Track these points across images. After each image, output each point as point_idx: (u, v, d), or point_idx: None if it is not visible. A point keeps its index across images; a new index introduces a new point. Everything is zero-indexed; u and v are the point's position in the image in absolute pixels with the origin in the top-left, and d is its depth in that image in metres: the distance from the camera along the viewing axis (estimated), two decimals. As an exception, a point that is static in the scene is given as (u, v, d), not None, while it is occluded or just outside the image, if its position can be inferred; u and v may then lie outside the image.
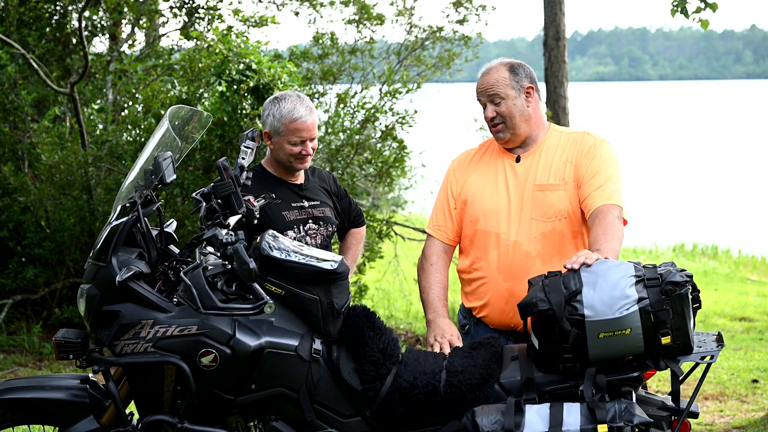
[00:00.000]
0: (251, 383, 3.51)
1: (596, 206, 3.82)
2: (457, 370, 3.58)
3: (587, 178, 3.91)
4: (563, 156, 4.00)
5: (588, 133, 4.05)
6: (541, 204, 3.95)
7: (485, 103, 4.03)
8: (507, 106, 3.99)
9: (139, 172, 3.72)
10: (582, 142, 4.00)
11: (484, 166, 4.13)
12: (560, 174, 3.96)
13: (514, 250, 3.96)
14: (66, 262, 8.65)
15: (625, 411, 3.30)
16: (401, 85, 9.24)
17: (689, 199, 22.50)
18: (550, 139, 4.06)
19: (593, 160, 3.94)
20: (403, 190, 11.60)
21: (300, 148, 4.20)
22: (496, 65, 4.05)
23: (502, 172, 4.06)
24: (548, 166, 3.99)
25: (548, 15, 9.84)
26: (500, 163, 4.09)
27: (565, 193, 3.94)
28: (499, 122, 4.00)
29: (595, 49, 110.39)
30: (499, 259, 3.99)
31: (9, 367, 7.72)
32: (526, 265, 3.94)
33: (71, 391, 3.67)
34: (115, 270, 3.47)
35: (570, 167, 3.96)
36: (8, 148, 8.93)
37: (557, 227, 3.94)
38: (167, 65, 9.55)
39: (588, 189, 3.89)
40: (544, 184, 3.97)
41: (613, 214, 3.79)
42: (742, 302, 11.35)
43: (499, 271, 3.99)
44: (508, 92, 3.99)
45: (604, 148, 3.99)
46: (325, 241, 4.32)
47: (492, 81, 4.00)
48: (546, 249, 3.94)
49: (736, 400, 6.87)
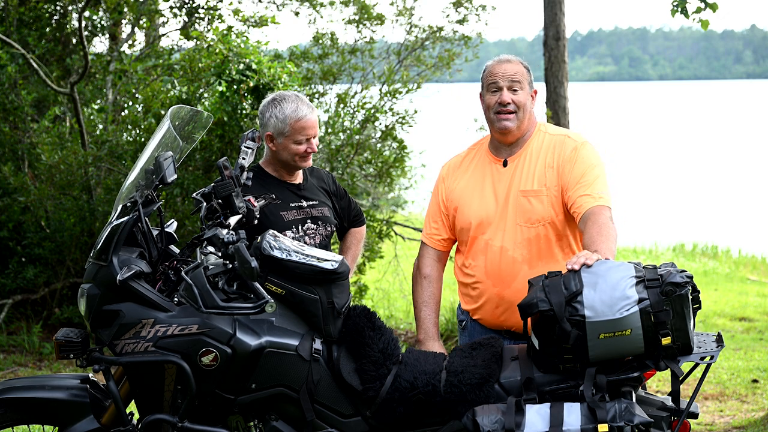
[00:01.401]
0: (251, 383, 3.51)
1: (586, 209, 3.81)
2: (457, 370, 3.58)
3: (572, 184, 3.91)
4: (545, 160, 4.00)
5: (568, 136, 4.05)
6: (525, 210, 3.97)
7: (503, 87, 4.02)
8: (523, 96, 4.03)
9: (139, 172, 3.73)
10: (563, 147, 4.00)
11: (473, 171, 4.14)
12: (542, 180, 3.97)
13: (501, 256, 3.98)
14: (66, 262, 8.65)
15: (626, 411, 3.30)
16: (401, 85, 9.24)
17: (689, 199, 22.49)
18: (535, 141, 4.06)
19: (576, 165, 3.94)
20: (403, 190, 11.60)
21: (305, 147, 4.22)
22: (512, 58, 4.10)
23: (489, 177, 4.08)
24: (532, 172, 4.00)
25: (548, 15, 9.83)
26: (488, 168, 4.10)
27: (547, 198, 3.95)
28: (513, 110, 4.01)
29: (595, 49, 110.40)
30: (487, 265, 4.02)
31: (9, 367, 7.72)
32: (513, 270, 3.96)
33: (71, 391, 3.67)
34: (116, 269, 3.47)
35: (552, 172, 3.97)
36: (8, 148, 8.93)
37: (541, 232, 3.95)
38: (167, 65, 9.56)
39: (575, 194, 3.88)
40: (527, 189, 3.98)
41: (605, 215, 3.78)
42: (742, 302, 11.35)
43: (488, 276, 4.02)
44: (525, 85, 4.05)
45: (585, 150, 3.98)
46: (324, 241, 4.32)
47: (515, 70, 4.04)
48: (531, 254, 3.96)
49: (736, 400, 6.87)
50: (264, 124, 4.25)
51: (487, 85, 4.06)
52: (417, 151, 10.28)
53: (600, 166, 3.96)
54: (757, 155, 30.78)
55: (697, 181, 25.36)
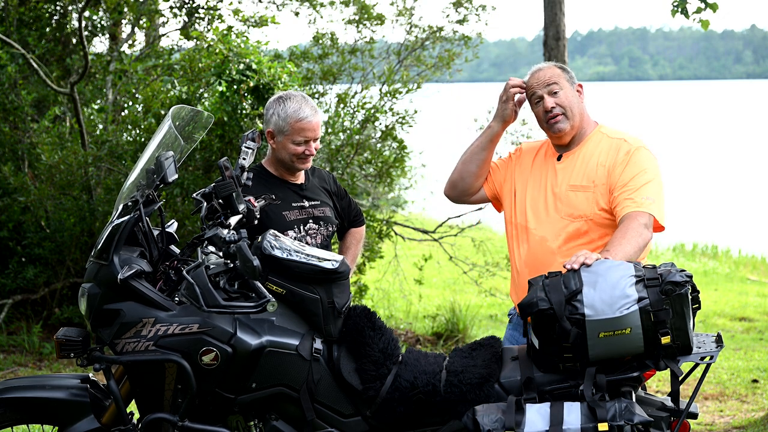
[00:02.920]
0: (252, 382, 3.51)
1: (624, 213, 3.83)
2: (457, 369, 3.59)
3: (619, 186, 3.92)
4: (599, 159, 4.02)
5: (625, 140, 4.05)
6: (571, 204, 3.99)
7: (542, 95, 4.05)
8: (566, 96, 4.05)
9: (140, 171, 3.73)
10: (618, 149, 4.01)
11: (535, 160, 4.18)
12: (592, 176, 3.99)
13: (541, 245, 4.01)
14: (66, 262, 8.65)
15: (626, 410, 3.31)
16: (401, 85, 9.24)
17: (689, 199, 22.49)
18: (592, 141, 4.08)
19: (627, 168, 3.95)
20: (403, 190, 11.60)
21: (303, 148, 4.22)
22: (544, 65, 4.14)
23: (545, 171, 4.12)
24: (584, 168, 4.02)
25: (548, 15, 9.83)
26: (547, 161, 4.14)
27: (592, 195, 3.97)
28: (560, 112, 4.04)
29: (595, 49, 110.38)
30: (528, 253, 4.05)
31: (9, 367, 7.72)
32: (548, 260, 3.97)
33: (71, 391, 3.67)
34: (117, 268, 3.48)
35: (603, 171, 3.98)
36: (8, 148, 8.93)
37: (582, 228, 3.97)
38: (167, 65, 9.55)
39: (620, 197, 3.90)
40: (576, 184, 4.01)
41: (639, 221, 3.78)
42: (742, 302, 11.35)
43: (527, 264, 4.05)
44: (565, 84, 4.07)
45: (640, 154, 3.99)
46: (326, 241, 4.33)
47: (549, 74, 4.07)
48: (569, 248, 3.96)
49: (736, 400, 6.87)
50: (267, 121, 4.27)
51: (531, 100, 4.11)
52: (417, 151, 10.29)
53: (653, 171, 3.96)
54: (757, 155, 30.78)
55: (697, 181, 25.36)
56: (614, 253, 3.62)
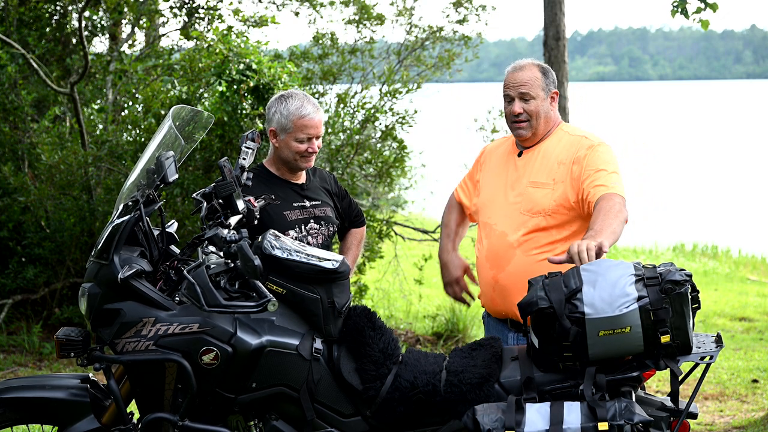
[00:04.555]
0: (252, 382, 3.52)
1: (599, 195, 3.87)
2: (457, 369, 3.59)
3: (584, 178, 3.97)
4: (559, 157, 4.07)
5: (586, 137, 4.11)
6: (530, 200, 4.05)
7: (514, 97, 4.10)
8: (535, 105, 4.09)
9: (141, 171, 3.74)
10: (579, 145, 4.07)
11: (498, 158, 4.27)
12: (552, 173, 4.05)
13: (500, 240, 4.07)
14: (66, 262, 8.65)
15: (626, 409, 3.31)
16: (401, 85, 9.24)
17: (689, 199, 22.50)
18: (553, 138, 4.14)
19: (592, 161, 3.99)
20: (403, 190, 11.59)
21: (306, 146, 4.23)
22: (528, 64, 4.15)
23: (506, 167, 4.20)
24: (544, 165, 4.08)
25: (548, 15, 9.82)
26: (509, 157, 4.23)
27: (552, 192, 4.02)
28: (525, 119, 4.10)
29: (595, 49, 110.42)
30: (488, 248, 4.12)
31: (9, 367, 7.72)
32: (508, 254, 4.04)
33: (71, 391, 3.67)
34: (117, 268, 3.48)
35: (562, 168, 4.04)
36: (8, 148, 8.93)
37: (540, 223, 4.02)
38: (167, 65, 9.55)
39: (589, 186, 3.94)
40: (536, 181, 4.07)
41: (615, 200, 3.82)
42: (742, 302, 11.35)
43: (487, 259, 4.12)
44: (539, 93, 4.10)
45: (602, 149, 4.05)
46: (326, 241, 4.33)
47: (526, 78, 4.09)
48: (528, 243, 4.02)
49: (736, 400, 6.87)
50: (269, 120, 4.28)
51: (503, 94, 4.16)
52: (417, 151, 10.29)
53: (616, 165, 4.01)
54: (757, 155, 30.79)
55: (697, 181, 25.37)
56: (600, 231, 3.63)
